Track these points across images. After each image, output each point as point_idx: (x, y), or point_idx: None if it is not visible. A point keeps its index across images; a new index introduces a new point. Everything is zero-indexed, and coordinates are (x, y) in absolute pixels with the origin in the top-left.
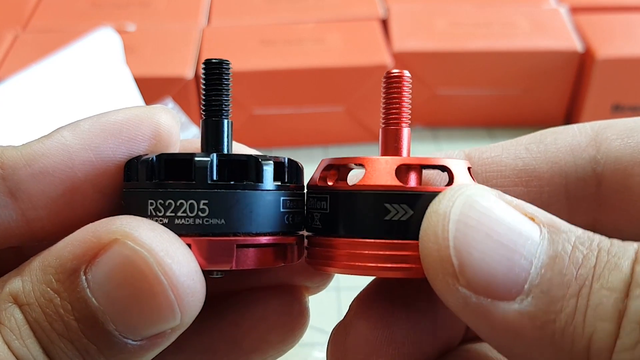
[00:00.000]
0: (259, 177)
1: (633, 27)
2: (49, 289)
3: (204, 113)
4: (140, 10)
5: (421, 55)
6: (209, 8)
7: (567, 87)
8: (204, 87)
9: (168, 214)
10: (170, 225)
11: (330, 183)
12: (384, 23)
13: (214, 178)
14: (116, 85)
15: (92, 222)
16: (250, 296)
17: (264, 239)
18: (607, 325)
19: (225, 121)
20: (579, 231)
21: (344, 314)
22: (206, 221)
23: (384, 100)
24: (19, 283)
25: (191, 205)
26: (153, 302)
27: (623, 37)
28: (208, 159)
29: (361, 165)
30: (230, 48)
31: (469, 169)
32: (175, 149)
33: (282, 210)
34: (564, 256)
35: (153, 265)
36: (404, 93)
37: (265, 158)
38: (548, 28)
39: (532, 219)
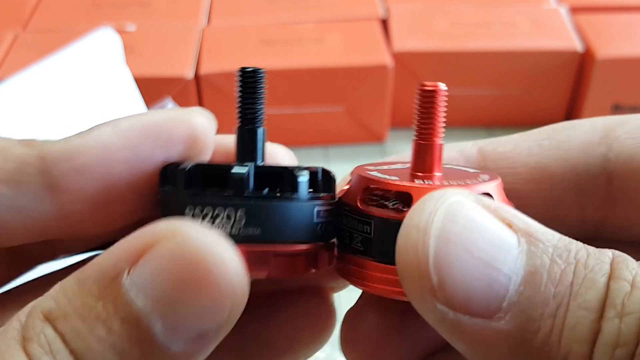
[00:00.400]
0: (294, 188)
1: (633, 27)
2: (89, 296)
3: (239, 121)
4: (140, 10)
5: (421, 55)
6: (209, 8)
7: (567, 87)
8: (239, 95)
9: (206, 221)
10: None
11: (373, 207)
12: (384, 23)
13: (251, 189)
14: (116, 85)
15: (127, 220)
16: (280, 298)
17: (298, 248)
18: (582, 348)
19: (260, 129)
20: (556, 239)
21: (344, 314)
22: (242, 230)
23: (417, 114)
24: (50, 301)
25: (228, 214)
26: (202, 293)
27: (623, 37)
28: (245, 171)
29: (408, 194)
30: (230, 48)
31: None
32: (211, 149)
33: (315, 220)
34: (542, 272)
35: (204, 254)
36: (439, 107)
37: (300, 169)
38: (548, 28)
39: (510, 226)
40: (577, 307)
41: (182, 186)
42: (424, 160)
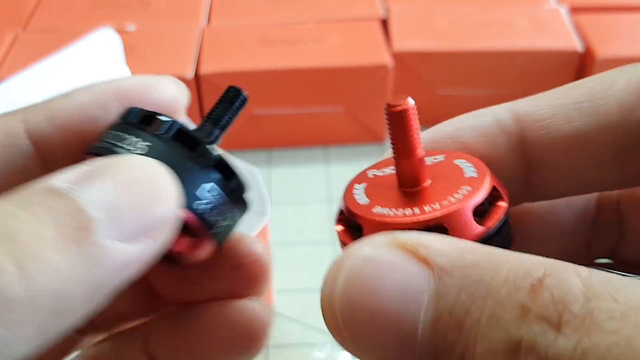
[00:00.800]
0: (203, 154)
1: (633, 27)
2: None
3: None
4: (140, 10)
5: (421, 55)
6: (209, 8)
7: None
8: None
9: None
10: None
11: (345, 234)
12: (384, 23)
13: (164, 132)
14: None
15: None
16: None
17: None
18: None
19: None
20: (468, 270)
21: None
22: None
23: (390, 134)
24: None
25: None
26: (141, 187)
27: (623, 37)
28: (170, 119)
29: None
30: (230, 48)
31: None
32: (180, 115)
33: (202, 195)
34: (447, 316)
35: (144, 162)
36: (412, 124)
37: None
38: (548, 28)
39: (426, 262)
40: (483, 350)
41: (120, 118)
42: (408, 175)
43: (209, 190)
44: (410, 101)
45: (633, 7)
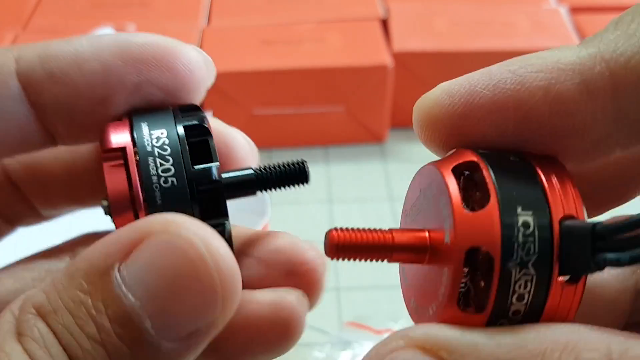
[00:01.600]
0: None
1: None
2: (78, 292)
3: None
4: (140, 10)
5: (421, 55)
6: (209, 8)
7: None
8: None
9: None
10: None
11: None
12: (384, 23)
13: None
14: None
15: (97, 135)
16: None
17: None
18: None
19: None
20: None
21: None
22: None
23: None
24: (41, 295)
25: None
26: (194, 290)
27: None
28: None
29: None
30: (230, 48)
31: None
32: (199, 93)
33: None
34: None
35: (196, 248)
36: (355, 256)
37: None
38: (548, 28)
39: None
40: None
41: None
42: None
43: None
44: (333, 237)
45: None
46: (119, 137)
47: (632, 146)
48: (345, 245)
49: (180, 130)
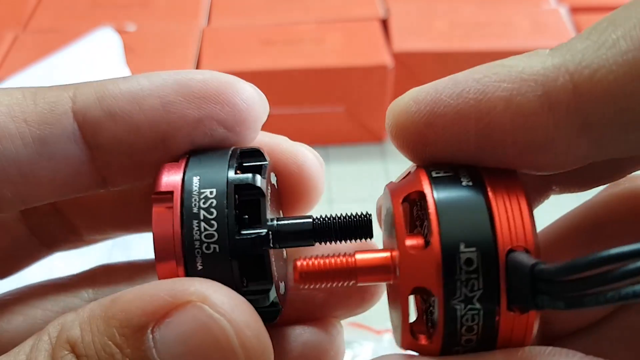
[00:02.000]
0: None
1: None
2: (111, 342)
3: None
4: (140, 10)
5: (421, 55)
6: (209, 8)
7: None
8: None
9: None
10: None
11: None
12: (384, 23)
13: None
14: None
15: (154, 172)
16: (289, 331)
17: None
18: None
19: None
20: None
21: None
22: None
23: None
24: (77, 331)
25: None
26: None
27: None
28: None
29: None
30: (230, 48)
31: None
32: (255, 131)
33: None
34: None
35: (232, 337)
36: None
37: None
38: (548, 28)
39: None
40: None
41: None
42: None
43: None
44: (297, 266)
45: None
46: (171, 182)
47: (603, 158)
48: (310, 272)
49: (231, 190)
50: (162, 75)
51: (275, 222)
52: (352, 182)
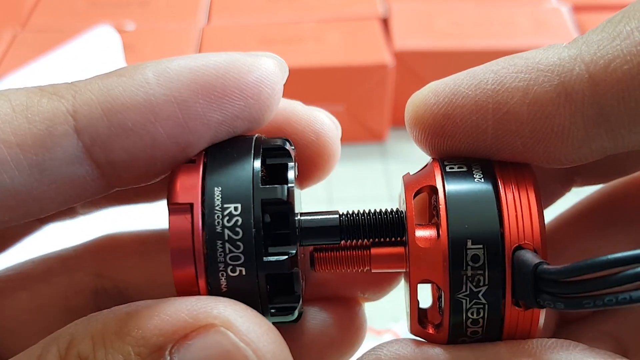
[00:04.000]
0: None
1: None
2: None
3: None
4: (139, 9)
5: (422, 54)
6: (209, 7)
7: None
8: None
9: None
10: None
11: None
12: (385, 22)
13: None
14: None
15: (169, 171)
16: (307, 310)
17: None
18: None
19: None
20: None
21: None
22: None
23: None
24: (89, 346)
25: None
26: None
27: None
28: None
29: None
30: (230, 48)
31: None
32: (276, 106)
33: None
34: None
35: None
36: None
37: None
38: (549, 27)
39: None
40: None
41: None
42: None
43: None
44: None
45: None
46: (189, 190)
47: (620, 150)
48: (326, 260)
49: (258, 209)
50: (172, 67)
51: (300, 217)
52: (352, 181)
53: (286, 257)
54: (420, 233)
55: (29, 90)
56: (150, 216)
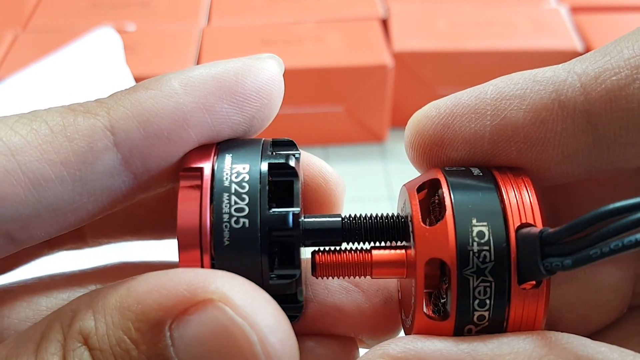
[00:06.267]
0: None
1: (633, 27)
2: (126, 337)
3: None
4: (140, 10)
5: (421, 55)
6: (209, 8)
7: None
8: None
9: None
10: None
11: None
12: (384, 23)
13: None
14: (116, 85)
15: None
16: (303, 344)
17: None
18: None
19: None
20: None
21: None
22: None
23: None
24: (91, 321)
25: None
26: None
27: None
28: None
29: None
30: (230, 48)
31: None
32: (280, 100)
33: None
34: None
35: (255, 344)
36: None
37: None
38: (548, 28)
39: None
40: None
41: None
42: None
43: None
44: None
45: (633, 7)
46: (200, 163)
47: (604, 166)
48: (327, 265)
49: (264, 167)
50: (197, 77)
51: (303, 219)
52: (352, 182)
53: (289, 211)
54: (422, 222)
55: (61, 111)
56: (160, 251)
